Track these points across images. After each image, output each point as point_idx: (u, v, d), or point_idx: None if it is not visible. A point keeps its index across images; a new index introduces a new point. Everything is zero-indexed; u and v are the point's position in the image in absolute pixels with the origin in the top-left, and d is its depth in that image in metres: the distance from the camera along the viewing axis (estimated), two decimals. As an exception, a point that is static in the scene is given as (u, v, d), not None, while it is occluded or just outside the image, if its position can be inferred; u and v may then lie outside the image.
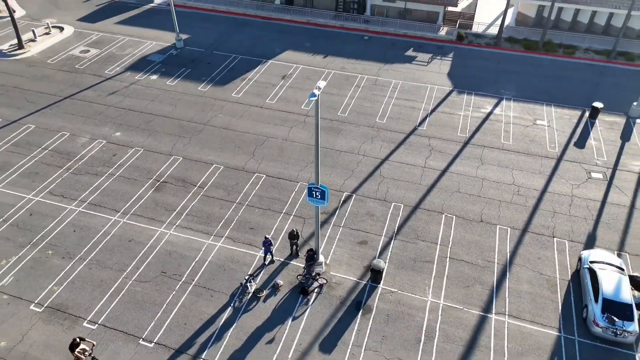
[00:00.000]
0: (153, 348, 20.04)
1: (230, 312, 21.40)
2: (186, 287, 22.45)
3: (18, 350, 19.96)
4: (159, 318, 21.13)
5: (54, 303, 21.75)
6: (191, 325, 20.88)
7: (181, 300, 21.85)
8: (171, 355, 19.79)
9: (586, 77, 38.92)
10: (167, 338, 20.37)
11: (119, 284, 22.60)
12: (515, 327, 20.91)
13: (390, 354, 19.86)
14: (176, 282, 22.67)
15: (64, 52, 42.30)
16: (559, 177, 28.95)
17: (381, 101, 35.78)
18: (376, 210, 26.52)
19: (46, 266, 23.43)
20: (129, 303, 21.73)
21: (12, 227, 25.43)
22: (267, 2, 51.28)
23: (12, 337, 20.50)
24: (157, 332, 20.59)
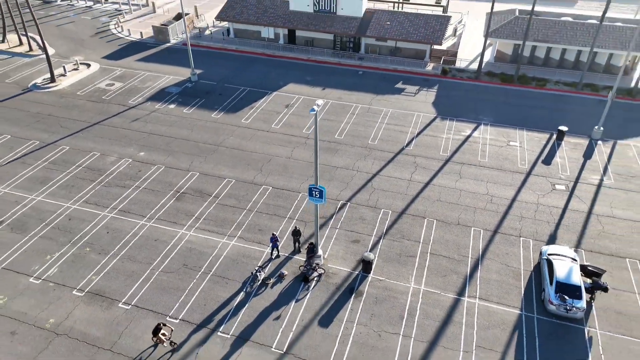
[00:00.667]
0: (178, 323, 23.78)
1: (243, 296, 25.24)
2: (205, 276, 26.36)
3: (64, 325, 23.71)
4: (182, 300, 24.96)
5: (93, 289, 25.63)
6: (210, 306, 24.69)
7: (200, 287, 25.72)
8: (193, 329, 23.52)
9: (556, 106, 43.85)
10: (189, 316, 24.15)
11: (147, 274, 26.53)
12: (484, 307, 24.70)
13: (378, 328, 23.59)
14: (196, 272, 26.60)
15: (91, 85, 47.54)
16: (527, 188, 33.25)
17: (373, 126, 40.54)
18: (367, 215, 30.69)
19: (85, 260, 27.42)
20: (156, 289, 25.60)
21: (54, 229, 29.57)
22: (272, 42, 57.08)
23: (59, 315, 24.28)
24: (181, 311, 24.39)
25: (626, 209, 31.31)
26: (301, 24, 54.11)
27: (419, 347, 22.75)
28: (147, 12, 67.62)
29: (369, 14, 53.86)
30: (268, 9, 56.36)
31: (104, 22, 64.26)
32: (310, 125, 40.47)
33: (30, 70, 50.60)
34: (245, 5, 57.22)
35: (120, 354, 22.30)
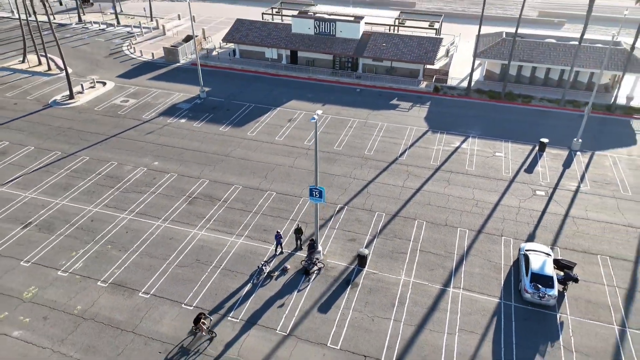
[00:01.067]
0: (192, 310, 26.54)
1: (250, 287, 28.04)
2: (215, 270, 29.20)
3: (91, 311, 26.48)
4: (195, 290, 27.76)
5: (115, 280, 28.47)
6: (220, 295, 27.48)
7: (212, 279, 28.54)
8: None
9: (539, 120, 47.15)
10: (202, 303, 26.92)
11: (163, 267, 29.39)
12: (467, 296, 27.45)
13: (371, 314, 26.33)
14: (208, 266, 29.45)
15: (107, 101, 51.05)
16: (510, 194, 36.25)
17: (369, 138, 43.79)
18: (363, 217, 33.64)
19: (107, 256, 30.32)
20: (172, 280, 28.43)
21: (78, 229, 32.52)
22: (275, 62, 60.85)
23: (85, 302, 27.07)
24: (195, 299, 27.17)
25: (599, 212, 34.24)
26: (303, 45, 57.92)
27: (408, 330, 25.45)
28: (157, 35, 71.74)
29: (366, 36, 57.70)
30: (271, 31, 60.29)
31: (117, 44, 68.28)
32: (310, 137, 43.72)
33: (49, 88, 54.21)
34: (250, 28, 61.18)
35: (141, 335, 25.03)
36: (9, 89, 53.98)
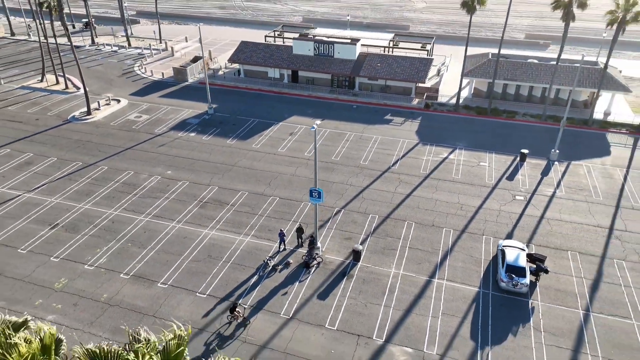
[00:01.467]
0: (205, 297, 29.92)
1: (256, 278, 31.45)
2: (225, 264, 32.63)
3: (115, 299, 29.85)
4: (208, 281, 31.15)
5: (137, 273, 31.89)
6: (230, 285, 30.87)
7: (222, 271, 31.96)
8: (218, 301, 29.63)
9: (522, 134, 51.06)
10: (214, 292, 30.30)
11: (179, 262, 32.83)
12: (450, 286, 30.84)
13: (365, 300, 29.70)
14: (218, 261, 32.89)
15: (122, 117, 55.05)
16: (492, 198, 39.88)
17: (364, 150, 47.62)
18: (358, 219, 37.19)
19: (128, 252, 33.79)
20: (187, 273, 31.84)
21: (101, 230, 36.06)
22: (277, 81, 65.11)
23: (110, 291, 30.45)
24: (207, 288, 30.56)
25: (572, 214, 37.82)
26: (303, 65, 62.26)
27: (396, 314, 28.78)
28: (166, 56, 76.27)
29: (362, 57, 62.07)
30: (274, 53, 64.72)
31: (129, 65, 72.73)
32: (310, 149, 47.54)
33: (68, 105, 58.30)
34: (254, 50, 65.64)
35: (161, 319, 28.36)
36: (30, 106, 58.05)
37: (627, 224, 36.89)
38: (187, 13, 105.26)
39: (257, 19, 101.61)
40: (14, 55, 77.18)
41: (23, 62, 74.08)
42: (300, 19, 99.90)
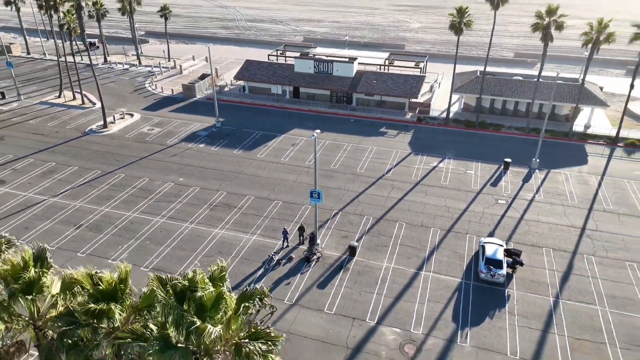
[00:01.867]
0: (217, 287, 33.50)
1: (262, 271, 35.13)
2: (234, 259, 36.34)
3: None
4: (219, 273, 34.77)
5: (155, 266, 35.61)
6: (239, 277, 34.54)
7: (232, 265, 35.66)
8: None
9: (507, 145, 55.12)
10: (225, 282, 33.88)
11: (192, 257, 36.56)
12: (436, 277, 34.52)
13: (359, 289, 33.35)
14: (228, 256, 36.61)
15: (136, 130, 59.24)
16: (477, 202, 43.74)
17: (361, 159, 51.65)
18: (354, 220, 41.00)
19: (146, 249, 37.55)
20: (201, 266, 35.49)
21: (121, 229, 39.87)
22: (280, 97, 69.50)
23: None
24: (219, 279, 34.15)
25: (548, 216, 41.63)
26: (304, 82, 66.72)
27: (387, 301, 32.41)
28: (175, 73, 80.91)
29: (359, 74, 66.54)
30: (277, 70, 69.26)
31: (140, 82, 77.30)
32: (310, 159, 51.55)
33: (85, 119, 62.55)
34: (258, 68, 70.21)
35: (178, 304, 31.90)
36: (50, 120, 62.32)
37: (598, 224, 40.67)
38: (194, 33, 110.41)
39: (260, 38, 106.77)
40: (31, 73, 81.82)
41: (40, 79, 78.69)
42: (301, 39, 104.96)
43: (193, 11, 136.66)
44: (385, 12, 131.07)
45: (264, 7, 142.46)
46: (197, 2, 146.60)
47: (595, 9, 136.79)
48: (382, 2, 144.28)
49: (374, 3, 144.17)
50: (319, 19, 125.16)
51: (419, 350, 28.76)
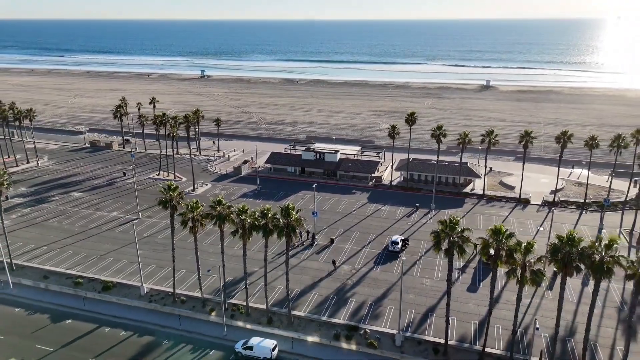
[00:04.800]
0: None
1: (302, 247, 76.97)
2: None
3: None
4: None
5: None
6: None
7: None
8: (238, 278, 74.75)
9: (424, 199, 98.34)
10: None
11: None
12: (370, 251, 76.33)
13: (334, 256, 75.02)
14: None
15: (211, 192, 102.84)
16: (396, 224, 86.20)
17: (340, 205, 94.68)
18: (334, 232, 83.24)
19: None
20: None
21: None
22: (293, 173, 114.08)
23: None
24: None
25: (432, 227, 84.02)
26: (307, 165, 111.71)
27: (346, 259, 73.86)
28: (224, 160, 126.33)
29: (341, 160, 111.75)
30: (290, 158, 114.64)
31: (204, 165, 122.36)
32: (312, 206, 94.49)
33: (180, 187, 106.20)
34: (279, 156, 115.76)
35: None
36: (156, 187, 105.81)
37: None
38: (230, 132, 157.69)
39: (276, 136, 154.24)
40: (137, 160, 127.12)
41: (142, 164, 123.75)
42: (305, 136, 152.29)
43: (224, 116, 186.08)
44: (364, 117, 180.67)
45: (276, 112, 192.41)
46: (226, 109, 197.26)
47: (496, 116, 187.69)
48: (363, 109, 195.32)
49: (357, 109, 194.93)
50: (317, 121, 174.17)
51: (357, 271, 70.05)
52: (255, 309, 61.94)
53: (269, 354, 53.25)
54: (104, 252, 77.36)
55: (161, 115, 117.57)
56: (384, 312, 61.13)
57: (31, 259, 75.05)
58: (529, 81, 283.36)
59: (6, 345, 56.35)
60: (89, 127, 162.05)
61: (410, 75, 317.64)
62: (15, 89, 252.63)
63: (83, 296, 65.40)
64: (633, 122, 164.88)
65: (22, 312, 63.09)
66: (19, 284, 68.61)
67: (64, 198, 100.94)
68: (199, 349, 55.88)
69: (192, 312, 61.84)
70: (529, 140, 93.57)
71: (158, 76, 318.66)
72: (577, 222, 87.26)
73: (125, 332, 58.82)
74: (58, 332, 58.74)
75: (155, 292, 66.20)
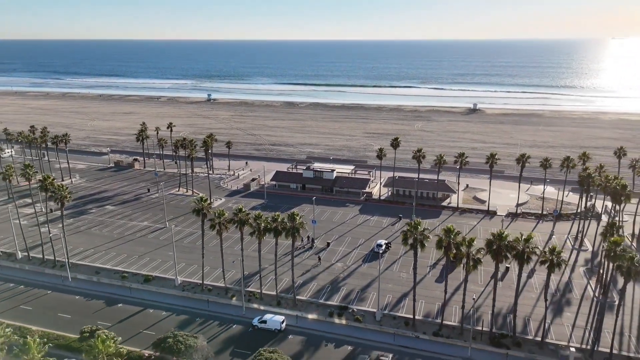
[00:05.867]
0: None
1: (304, 249, 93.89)
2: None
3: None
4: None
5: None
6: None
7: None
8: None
9: (404, 210, 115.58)
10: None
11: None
12: (359, 253, 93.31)
13: (330, 256, 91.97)
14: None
15: (225, 205, 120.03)
16: (382, 231, 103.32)
17: (335, 216, 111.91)
18: (330, 237, 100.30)
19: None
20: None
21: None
22: (295, 190, 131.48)
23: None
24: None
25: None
26: (308, 182, 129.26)
27: (339, 258, 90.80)
28: (234, 178, 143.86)
29: (337, 177, 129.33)
30: (293, 175, 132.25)
31: (216, 182, 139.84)
32: (311, 217, 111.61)
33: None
34: (283, 174, 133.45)
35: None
36: (180, 201, 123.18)
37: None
38: (237, 153, 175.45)
39: (279, 156, 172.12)
40: (159, 177, 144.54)
41: (163, 181, 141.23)
42: (305, 157, 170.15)
43: (232, 138, 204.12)
44: (359, 138, 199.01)
45: (279, 134, 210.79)
46: (233, 131, 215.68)
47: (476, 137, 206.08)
48: (358, 131, 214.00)
49: (352, 131, 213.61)
50: (316, 143, 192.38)
51: (348, 267, 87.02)
52: (267, 294, 78.64)
53: (279, 326, 69.76)
54: (141, 254, 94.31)
55: (182, 139, 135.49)
56: (368, 296, 77.92)
57: (82, 259, 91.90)
58: (514, 104, 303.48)
59: (74, 322, 72.72)
60: (111, 149, 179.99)
61: (403, 98, 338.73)
62: (36, 112, 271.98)
63: (129, 286, 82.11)
64: (600, 143, 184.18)
65: (81, 299, 79.67)
66: (75, 278, 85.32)
67: (100, 210, 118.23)
68: (223, 324, 72.37)
69: (217, 297, 78.52)
70: (493, 161, 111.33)
71: (167, 99, 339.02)
72: (533, 229, 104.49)
73: (166, 313, 75.37)
74: (113, 313, 75.28)
75: (187, 283, 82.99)
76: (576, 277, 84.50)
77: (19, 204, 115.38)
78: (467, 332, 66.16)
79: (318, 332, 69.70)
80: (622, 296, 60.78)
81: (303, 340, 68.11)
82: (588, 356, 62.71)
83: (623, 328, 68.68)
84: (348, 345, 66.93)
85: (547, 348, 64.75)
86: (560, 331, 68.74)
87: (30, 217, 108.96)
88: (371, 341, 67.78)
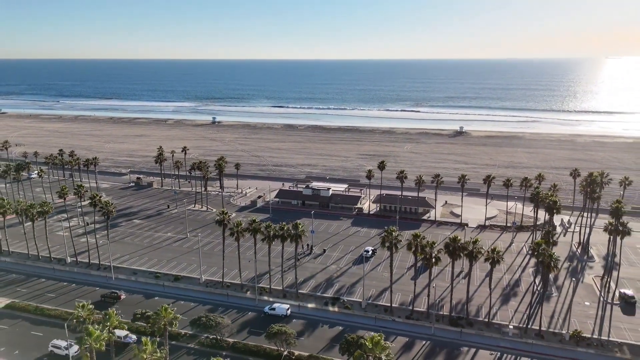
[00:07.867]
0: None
1: (303, 255, 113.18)
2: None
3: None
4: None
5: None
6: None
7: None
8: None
9: (391, 222, 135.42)
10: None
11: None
12: (350, 256, 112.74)
13: (326, 260, 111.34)
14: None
15: (238, 216, 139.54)
16: (371, 239, 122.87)
17: (331, 227, 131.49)
18: (327, 245, 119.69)
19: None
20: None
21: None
22: (296, 205, 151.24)
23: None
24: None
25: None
26: (307, 198, 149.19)
27: (334, 261, 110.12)
28: (242, 195, 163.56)
29: (332, 194, 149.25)
30: (295, 193, 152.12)
31: (227, 200, 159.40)
32: (310, 227, 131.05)
33: (211, 213, 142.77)
34: (286, 192, 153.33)
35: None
36: (197, 215, 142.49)
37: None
38: (244, 174, 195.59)
39: (281, 175, 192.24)
40: (178, 195, 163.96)
41: (179, 199, 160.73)
42: (305, 176, 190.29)
43: (237, 159, 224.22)
44: (353, 159, 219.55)
45: (281, 155, 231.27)
46: (238, 153, 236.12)
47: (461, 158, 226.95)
48: (352, 152, 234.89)
49: (347, 153, 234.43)
50: (314, 164, 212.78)
51: (340, 269, 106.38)
52: (275, 289, 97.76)
53: (285, 312, 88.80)
54: (169, 258, 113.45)
55: (198, 162, 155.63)
56: (356, 290, 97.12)
57: (120, 263, 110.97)
58: (498, 127, 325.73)
59: (122, 310, 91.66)
60: (130, 170, 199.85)
61: (395, 121, 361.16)
62: (54, 135, 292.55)
63: (162, 284, 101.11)
64: (569, 164, 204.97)
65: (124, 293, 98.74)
66: (117, 278, 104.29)
67: (129, 223, 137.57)
68: (240, 312, 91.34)
69: (235, 292, 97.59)
70: (464, 181, 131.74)
71: (174, 122, 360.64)
72: (497, 239, 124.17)
73: (194, 304, 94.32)
74: (151, 304, 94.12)
75: (209, 281, 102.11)
76: (525, 276, 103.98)
77: (56, 219, 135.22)
78: (432, 316, 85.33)
79: (316, 317, 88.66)
80: (546, 285, 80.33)
81: (304, 323, 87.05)
82: (523, 332, 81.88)
83: (555, 312, 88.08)
84: (339, 326, 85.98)
85: (492, 327, 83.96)
86: (506, 315, 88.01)
87: (72, 229, 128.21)
88: (357, 323, 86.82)
